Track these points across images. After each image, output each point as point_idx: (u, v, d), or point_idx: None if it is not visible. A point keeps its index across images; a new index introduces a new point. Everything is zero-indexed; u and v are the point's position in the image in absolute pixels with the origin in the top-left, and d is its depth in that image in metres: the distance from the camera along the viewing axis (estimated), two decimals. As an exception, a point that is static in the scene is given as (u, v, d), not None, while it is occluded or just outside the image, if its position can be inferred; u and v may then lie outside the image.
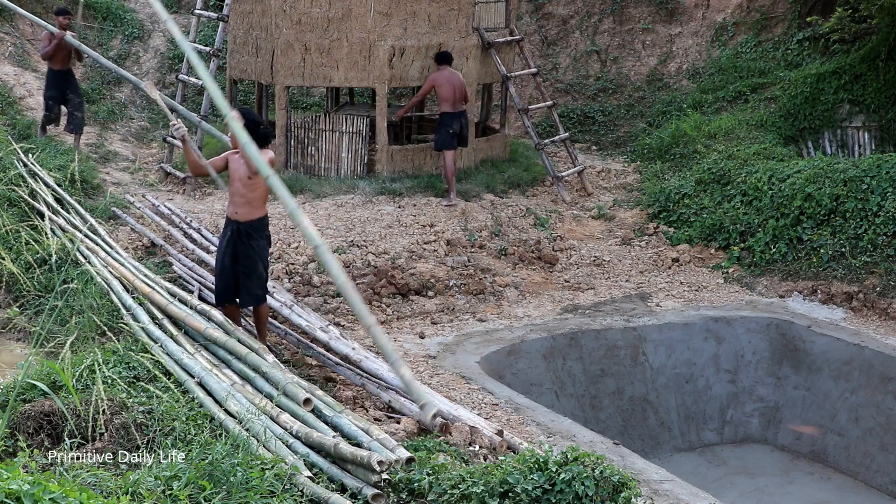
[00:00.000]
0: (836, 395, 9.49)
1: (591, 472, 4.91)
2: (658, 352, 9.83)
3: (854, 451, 9.23)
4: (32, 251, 9.53)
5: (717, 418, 9.92)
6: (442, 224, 11.26)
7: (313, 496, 5.04)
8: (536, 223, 12.10)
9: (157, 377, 6.37)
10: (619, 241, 12.12)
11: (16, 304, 9.15)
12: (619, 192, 13.66)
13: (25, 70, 15.76)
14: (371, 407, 7.03)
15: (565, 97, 17.13)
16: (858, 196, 10.98)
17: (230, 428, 5.60)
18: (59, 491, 3.59)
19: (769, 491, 8.93)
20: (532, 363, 9.26)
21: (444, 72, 12.12)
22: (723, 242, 11.68)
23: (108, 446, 5.50)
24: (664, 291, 10.86)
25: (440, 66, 12.18)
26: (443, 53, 12.25)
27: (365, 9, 12.63)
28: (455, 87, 12.08)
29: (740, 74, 15.83)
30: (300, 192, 12.28)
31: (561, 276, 11.18)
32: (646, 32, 17.49)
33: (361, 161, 12.99)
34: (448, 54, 12.27)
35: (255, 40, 13.40)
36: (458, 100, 12.14)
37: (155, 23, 18.19)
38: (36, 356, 6.85)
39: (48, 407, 5.71)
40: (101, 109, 15.62)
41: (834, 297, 10.46)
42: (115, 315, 7.88)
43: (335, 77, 12.99)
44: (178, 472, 4.76)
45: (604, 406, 9.57)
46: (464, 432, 6.51)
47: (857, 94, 14.22)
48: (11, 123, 13.73)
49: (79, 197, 11.32)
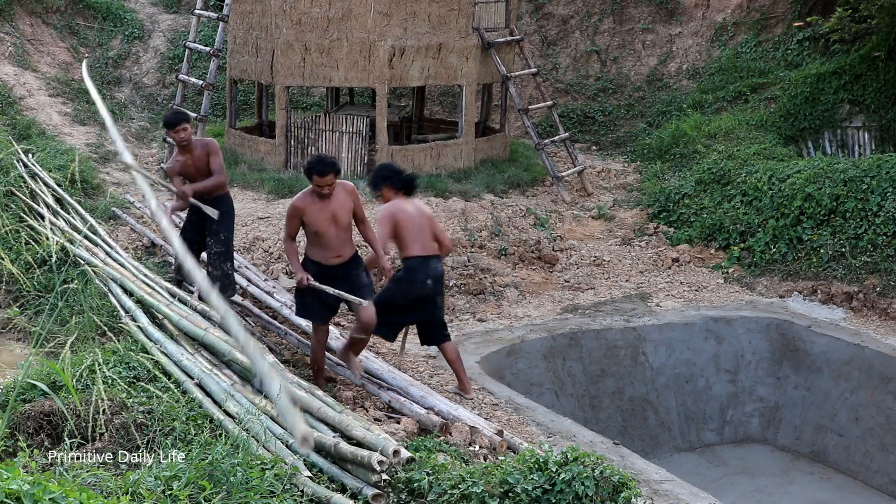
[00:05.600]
0: (836, 395, 9.49)
1: (591, 472, 4.91)
2: (658, 352, 9.83)
3: (854, 451, 9.23)
4: (32, 251, 9.53)
5: (717, 418, 9.91)
6: (442, 224, 11.25)
7: (314, 496, 5.04)
8: (536, 223, 12.10)
9: (157, 377, 6.36)
10: (619, 241, 12.12)
11: (16, 304, 9.16)
12: (619, 192, 13.66)
13: (25, 70, 15.76)
14: (371, 407, 7.03)
15: (565, 97, 17.13)
16: (858, 196, 10.98)
17: (229, 428, 5.60)
18: (59, 491, 3.59)
19: (769, 491, 8.93)
20: (532, 363, 9.26)
21: (405, 204, 7.46)
22: (723, 242, 11.68)
23: (108, 446, 5.50)
24: (664, 291, 10.86)
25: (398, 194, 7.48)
26: (408, 179, 7.53)
27: (365, 9, 12.63)
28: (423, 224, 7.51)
29: (740, 74, 15.83)
30: (300, 191, 12.26)
31: (561, 276, 11.18)
32: (646, 32, 17.49)
33: (361, 161, 12.99)
34: (413, 182, 7.58)
35: (255, 40, 13.40)
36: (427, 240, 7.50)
37: (155, 23, 18.20)
38: (36, 356, 6.85)
39: (48, 407, 5.71)
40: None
41: (834, 297, 10.46)
42: (115, 315, 7.87)
43: (335, 77, 12.99)
44: (178, 472, 4.76)
45: (604, 406, 9.56)
46: (464, 432, 6.51)
47: (857, 94, 14.22)
48: (11, 123, 13.72)
49: (79, 197, 11.32)
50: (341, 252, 6.94)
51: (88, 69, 16.55)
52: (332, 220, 6.82)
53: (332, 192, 6.78)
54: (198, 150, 8.07)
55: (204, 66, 16.17)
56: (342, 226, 6.88)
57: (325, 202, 6.79)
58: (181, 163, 8.07)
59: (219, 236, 8.21)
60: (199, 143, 8.14)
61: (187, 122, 8.11)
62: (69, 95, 15.65)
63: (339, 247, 6.91)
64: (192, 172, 8.09)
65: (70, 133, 14.46)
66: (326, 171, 6.68)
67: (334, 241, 6.88)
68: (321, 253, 6.93)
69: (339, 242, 6.90)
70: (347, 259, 6.99)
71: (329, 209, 6.81)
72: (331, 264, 6.94)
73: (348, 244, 6.99)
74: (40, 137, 13.58)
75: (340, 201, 6.83)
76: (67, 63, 16.60)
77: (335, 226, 6.84)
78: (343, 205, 6.85)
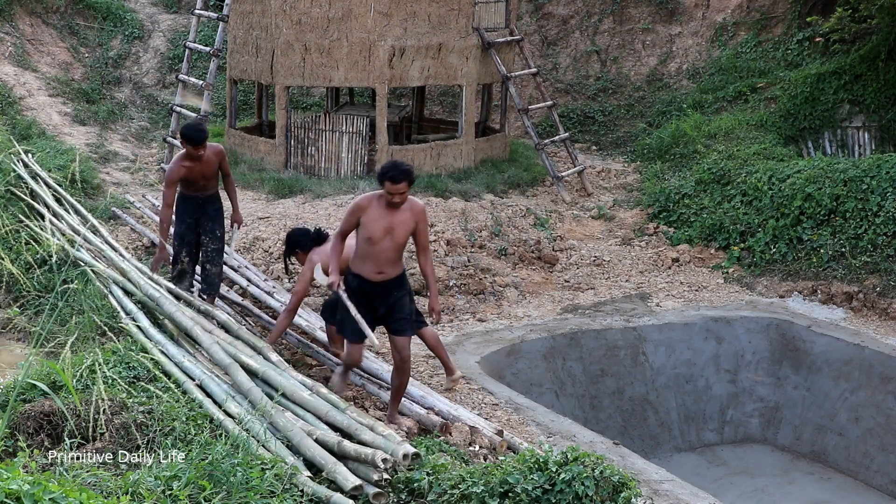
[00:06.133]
0: (836, 395, 9.49)
1: (591, 472, 4.91)
2: (658, 352, 9.83)
3: (854, 451, 9.23)
4: (32, 251, 9.53)
5: (717, 418, 9.91)
6: (442, 224, 11.26)
7: (314, 496, 5.04)
8: (536, 223, 12.10)
9: (158, 377, 6.36)
10: (619, 241, 12.12)
11: (16, 304, 9.16)
12: (619, 192, 13.66)
13: (25, 70, 15.76)
14: (371, 407, 7.03)
15: (565, 97, 17.13)
16: (858, 196, 10.98)
17: (229, 428, 5.60)
18: (59, 491, 3.59)
19: (769, 491, 8.93)
20: (532, 363, 9.26)
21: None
22: (723, 242, 11.68)
23: (108, 446, 5.49)
24: (664, 291, 10.86)
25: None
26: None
27: (365, 9, 12.63)
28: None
29: (740, 74, 15.83)
30: (300, 191, 12.28)
31: (561, 276, 11.18)
32: (646, 32, 17.49)
33: (361, 161, 12.99)
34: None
35: (255, 40, 13.40)
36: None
37: (155, 23, 18.21)
38: (36, 356, 6.85)
39: (48, 407, 5.70)
40: (101, 109, 15.62)
41: (834, 297, 10.46)
42: (115, 315, 7.87)
43: (335, 77, 12.99)
44: (178, 472, 4.76)
45: (604, 406, 9.56)
46: (464, 432, 6.51)
47: (857, 94, 14.22)
48: (11, 123, 13.73)
49: (79, 197, 11.32)
50: (386, 269, 6.46)
51: (88, 70, 16.56)
52: (388, 232, 6.35)
53: (402, 202, 6.34)
54: (208, 156, 8.01)
55: (204, 66, 16.18)
56: (396, 242, 6.41)
57: (388, 211, 6.33)
58: (188, 169, 7.93)
59: (215, 234, 8.22)
60: (210, 149, 8.08)
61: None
62: (69, 95, 15.66)
63: (384, 262, 6.44)
64: (198, 178, 8.04)
65: (70, 133, 14.46)
66: (400, 178, 6.22)
67: (382, 255, 6.40)
68: (365, 265, 6.46)
69: (387, 258, 6.42)
70: (391, 279, 6.51)
71: (390, 219, 6.35)
72: (372, 280, 6.48)
73: (396, 265, 6.50)
74: (40, 137, 13.60)
75: (404, 217, 6.39)
76: (67, 63, 16.60)
77: (389, 238, 6.37)
78: (405, 222, 6.40)
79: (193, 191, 8.11)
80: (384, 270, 6.46)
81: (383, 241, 6.37)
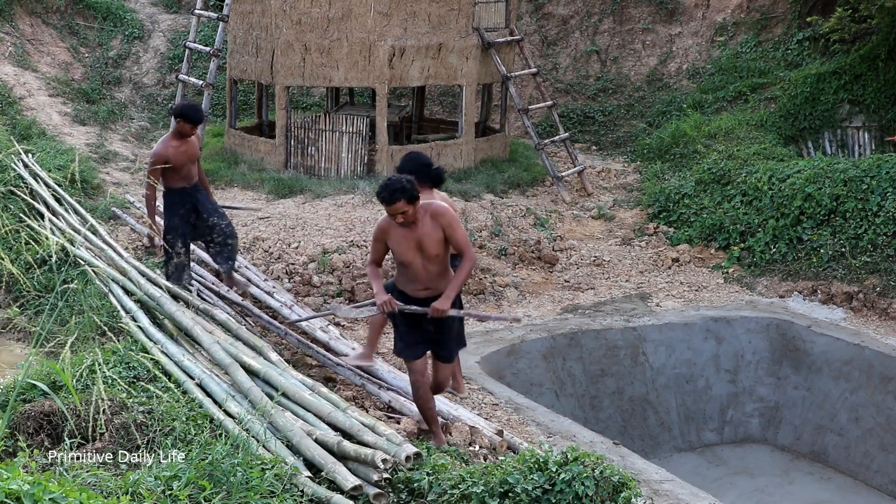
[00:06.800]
0: (836, 395, 9.49)
1: (591, 472, 4.90)
2: (658, 352, 9.83)
3: (854, 451, 9.23)
4: (32, 251, 9.52)
5: (717, 418, 9.91)
6: (442, 224, 11.26)
7: (314, 496, 5.04)
8: (536, 223, 12.10)
9: (158, 377, 6.36)
10: (619, 241, 12.12)
11: (16, 304, 9.15)
12: (619, 192, 13.66)
13: (25, 70, 15.76)
14: (371, 407, 7.03)
15: (565, 97, 17.13)
16: (858, 196, 10.98)
17: (229, 428, 5.60)
18: (59, 491, 3.59)
19: (769, 491, 8.93)
20: (532, 363, 9.26)
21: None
22: (723, 242, 11.68)
23: (108, 446, 5.49)
24: (664, 291, 10.86)
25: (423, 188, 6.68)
26: (438, 172, 7.00)
27: (365, 9, 12.63)
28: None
29: (740, 74, 15.83)
30: (300, 191, 12.28)
31: (561, 276, 11.18)
32: (646, 32, 17.49)
33: (361, 161, 12.99)
34: (442, 175, 7.09)
35: (255, 40, 13.40)
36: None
37: (155, 23, 18.21)
38: (36, 356, 6.84)
39: (48, 407, 5.70)
40: (101, 109, 15.62)
41: (834, 297, 10.46)
42: (115, 315, 7.87)
43: (335, 77, 12.99)
44: (178, 472, 4.75)
45: (604, 406, 9.56)
46: (464, 432, 6.51)
47: (857, 94, 14.22)
48: (11, 123, 13.72)
49: (79, 197, 11.32)
50: (430, 285, 6.01)
51: (88, 70, 16.56)
52: (417, 250, 5.89)
53: (411, 220, 5.81)
54: (193, 139, 8.31)
55: (204, 66, 16.17)
56: (430, 256, 5.91)
57: (410, 228, 5.85)
58: (175, 149, 8.09)
59: (219, 211, 8.48)
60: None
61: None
62: (69, 95, 15.66)
63: (427, 280, 5.99)
64: (185, 161, 8.21)
65: (70, 133, 14.46)
66: (392, 200, 5.66)
67: (422, 273, 5.96)
68: (408, 284, 6.06)
69: (428, 275, 5.97)
70: (439, 294, 5.99)
71: (413, 236, 5.86)
72: (417, 297, 6.05)
73: (442, 278, 6.01)
74: (40, 137, 13.59)
75: (427, 228, 5.85)
76: (67, 63, 16.60)
77: (421, 256, 5.90)
78: (429, 234, 5.85)
79: (180, 181, 8.23)
80: (429, 286, 6.04)
81: (416, 261, 5.94)
